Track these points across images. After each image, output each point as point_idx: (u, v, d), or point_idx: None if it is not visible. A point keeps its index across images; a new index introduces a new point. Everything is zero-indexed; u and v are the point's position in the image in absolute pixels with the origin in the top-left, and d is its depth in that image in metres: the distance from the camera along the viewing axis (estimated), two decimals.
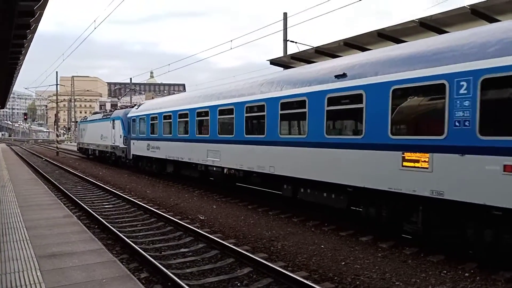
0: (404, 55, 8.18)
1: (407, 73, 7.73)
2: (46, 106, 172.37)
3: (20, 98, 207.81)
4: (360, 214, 9.26)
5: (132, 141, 23.10)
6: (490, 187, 6.41)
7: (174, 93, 40.66)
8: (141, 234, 9.71)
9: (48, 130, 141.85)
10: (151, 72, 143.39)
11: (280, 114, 10.98)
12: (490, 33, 6.92)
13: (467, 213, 6.97)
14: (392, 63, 8.26)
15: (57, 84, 45.75)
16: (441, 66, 7.22)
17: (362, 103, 8.60)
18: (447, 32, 9.80)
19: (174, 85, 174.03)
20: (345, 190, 9.25)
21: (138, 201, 13.50)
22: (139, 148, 21.83)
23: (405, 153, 7.76)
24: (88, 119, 36.65)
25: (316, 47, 14.12)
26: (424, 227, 7.79)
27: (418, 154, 7.52)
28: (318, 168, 9.76)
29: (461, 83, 6.84)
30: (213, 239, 8.55)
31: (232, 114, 13.15)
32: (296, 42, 19.85)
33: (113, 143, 26.82)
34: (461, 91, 6.85)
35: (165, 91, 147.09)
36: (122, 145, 25.20)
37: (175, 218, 10.81)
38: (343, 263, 7.42)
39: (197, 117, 15.51)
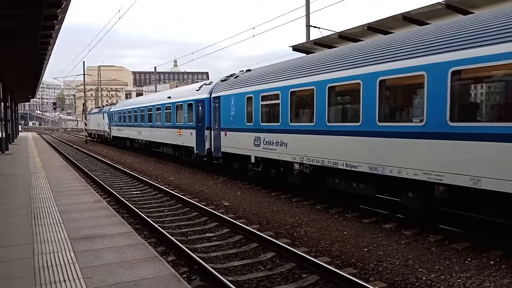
0: (179, 91, 21.87)
1: (177, 99, 20.46)
2: (74, 95, 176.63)
3: (49, 88, 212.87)
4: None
5: (111, 127, 36.82)
6: (192, 140, 18.38)
7: (197, 81, 51.06)
8: (167, 219, 10.00)
9: (76, 119, 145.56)
10: (175, 61, 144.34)
11: (156, 112, 23.91)
12: (192, 90, 19.67)
13: (188, 150, 19.15)
14: (177, 94, 21.18)
15: (84, 74, 46.79)
16: (185, 97, 19.53)
17: (171, 109, 21.20)
18: (473, 13, 9.52)
19: (197, 73, 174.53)
20: (171, 146, 21.36)
21: (165, 187, 13.85)
22: (115, 131, 35.56)
23: (178, 130, 20.04)
24: (91, 112, 50.31)
25: (339, 32, 13.91)
26: (185, 157, 19.56)
27: (180, 130, 19.79)
28: (166, 137, 21.99)
29: (187, 104, 19.17)
30: (238, 224, 8.74)
31: (151, 111, 24.94)
32: (319, 28, 19.63)
33: (104, 129, 40.34)
34: (185, 107, 19.21)
35: (189, 80, 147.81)
36: (108, 130, 38.41)
37: (200, 204, 11.07)
38: (366, 249, 7.46)
39: (134, 113, 28.87)
